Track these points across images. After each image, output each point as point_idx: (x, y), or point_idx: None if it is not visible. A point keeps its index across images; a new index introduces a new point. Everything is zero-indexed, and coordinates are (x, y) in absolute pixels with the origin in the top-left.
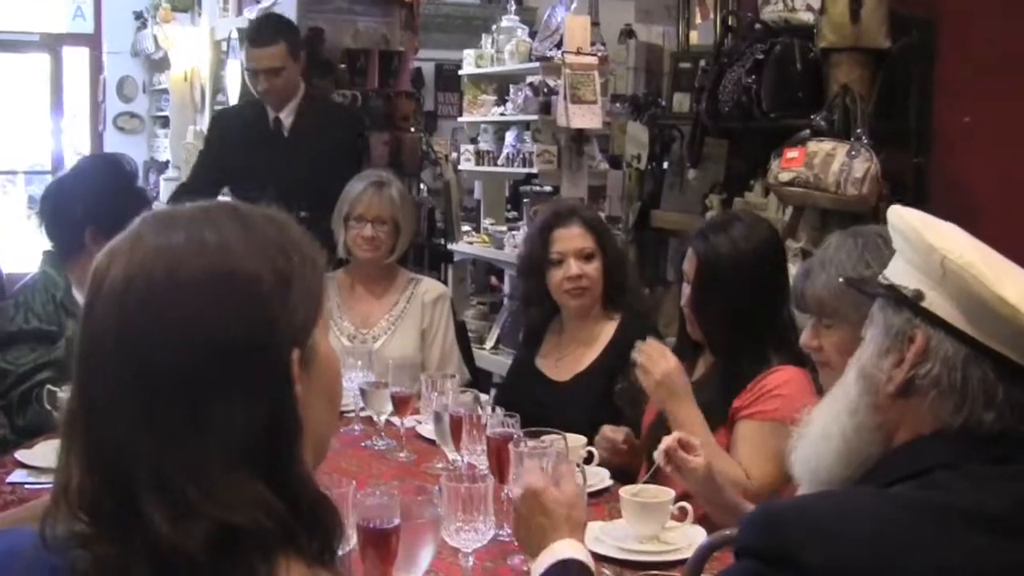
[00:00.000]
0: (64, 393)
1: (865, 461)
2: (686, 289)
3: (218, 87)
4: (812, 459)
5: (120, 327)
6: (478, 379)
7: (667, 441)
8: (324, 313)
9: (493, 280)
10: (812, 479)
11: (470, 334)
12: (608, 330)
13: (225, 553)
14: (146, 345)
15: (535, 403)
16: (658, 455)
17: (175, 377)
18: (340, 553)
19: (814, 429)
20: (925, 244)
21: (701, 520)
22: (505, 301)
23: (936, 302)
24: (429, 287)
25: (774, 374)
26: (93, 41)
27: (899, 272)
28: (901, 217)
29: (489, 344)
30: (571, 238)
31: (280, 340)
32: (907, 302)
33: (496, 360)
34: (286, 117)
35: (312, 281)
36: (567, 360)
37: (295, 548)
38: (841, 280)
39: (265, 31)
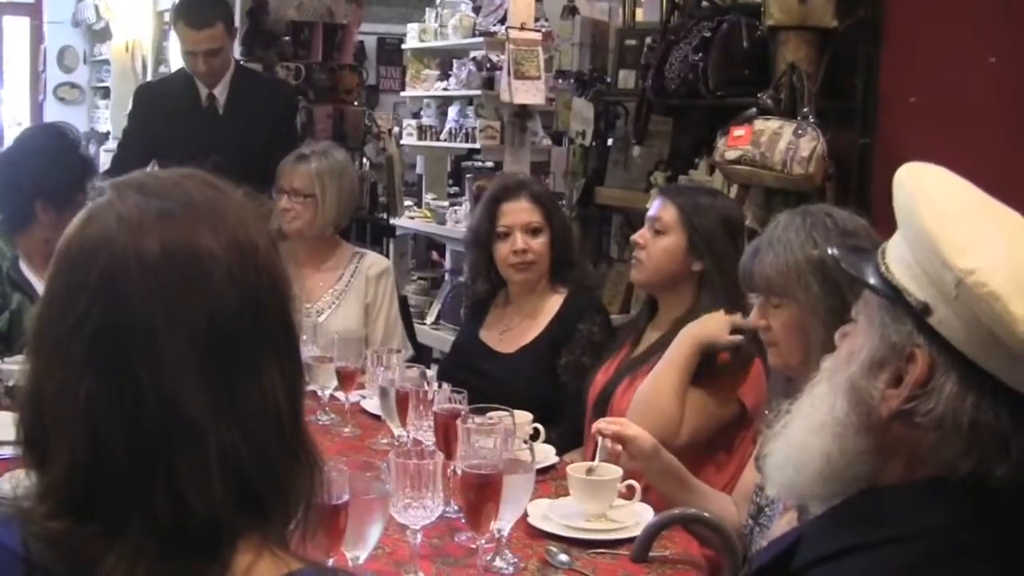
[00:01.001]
0: (6, 365)
1: (849, 484)
2: (663, 240)
3: (160, 58)
4: (788, 469)
5: (166, 302)
6: (420, 354)
7: (598, 426)
8: (292, 293)
9: (435, 255)
10: (787, 491)
11: (411, 309)
12: (554, 304)
13: (184, 543)
14: (199, 313)
15: (480, 375)
16: (597, 428)
17: (231, 345)
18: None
19: (793, 436)
20: (939, 257)
21: (648, 498)
22: (447, 276)
23: (947, 321)
24: (373, 261)
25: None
26: (34, 10)
27: (906, 271)
28: (919, 208)
29: (430, 319)
30: (519, 212)
31: (289, 301)
32: (911, 312)
33: (437, 336)
34: (220, 93)
35: (275, 263)
36: (512, 333)
37: (259, 530)
38: (839, 259)
39: (202, 11)
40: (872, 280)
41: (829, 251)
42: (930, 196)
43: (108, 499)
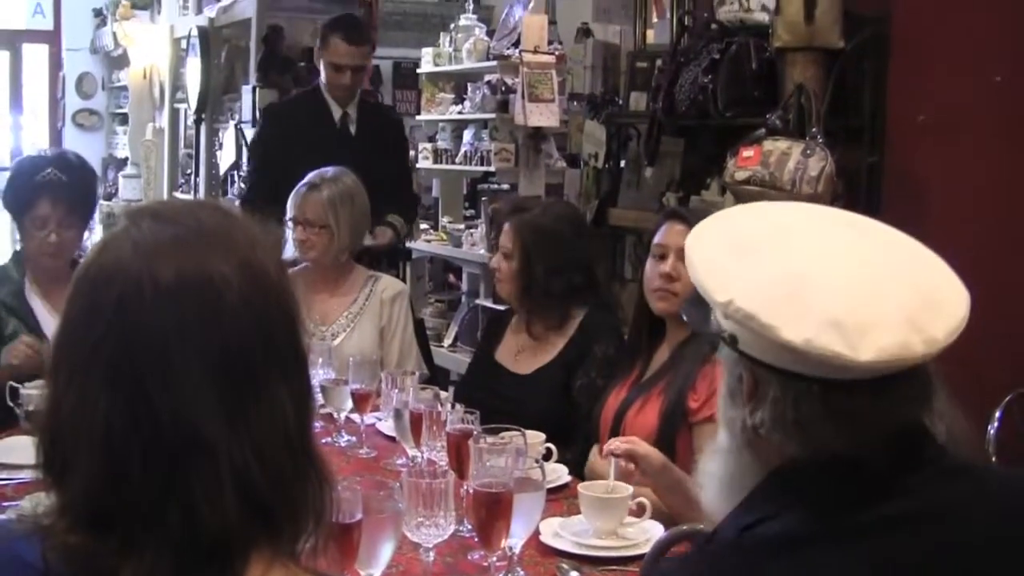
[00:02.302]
0: (26, 390)
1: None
2: (664, 266)
3: (177, 84)
4: (704, 497)
5: (181, 325)
6: (436, 376)
7: (611, 446)
8: (301, 315)
9: (451, 278)
10: (710, 514)
11: (428, 331)
12: (570, 326)
13: (198, 559)
14: (212, 336)
15: (496, 396)
16: (609, 450)
17: (243, 366)
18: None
19: (703, 467)
20: (709, 298)
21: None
22: (463, 299)
23: (747, 344)
24: (387, 284)
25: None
26: (52, 38)
27: (716, 312)
28: (690, 260)
29: (447, 342)
30: (504, 233)
31: (298, 324)
32: (728, 344)
33: (454, 358)
34: (351, 113)
35: (285, 286)
36: (527, 353)
37: (271, 544)
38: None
39: (359, 29)
40: (706, 328)
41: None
42: (693, 249)
43: (124, 515)
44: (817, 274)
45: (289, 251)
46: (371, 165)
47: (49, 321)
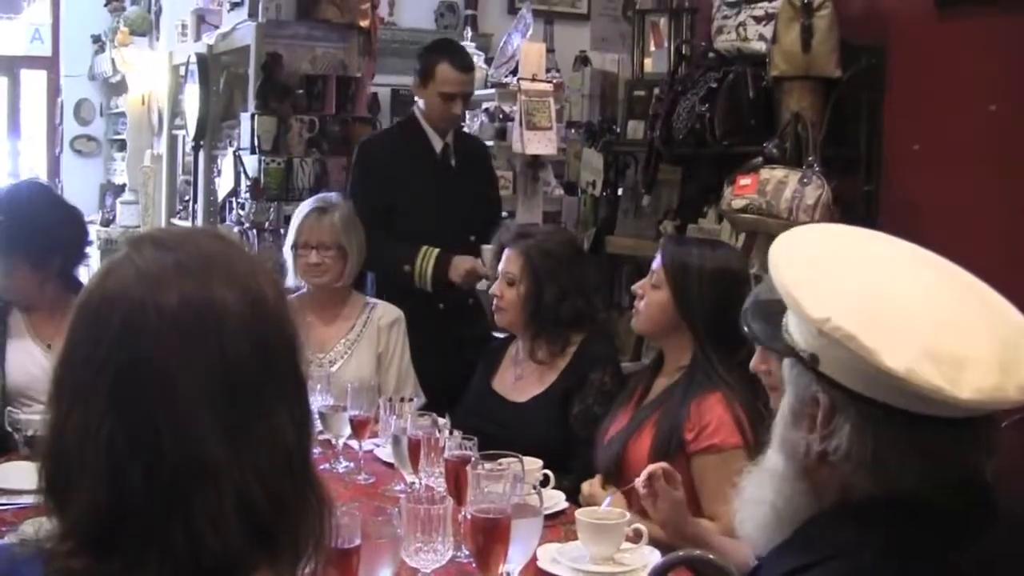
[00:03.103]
0: (25, 415)
1: (796, 523)
2: (657, 294)
3: (176, 111)
4: (748, 524)
5: (184, 350)
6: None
7: (652, 468)
8: (301, 343)
9: None
10: (753, 544)
11: None
12: (567, 353)
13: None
14: (213, 360)
15: (492, 423)
16: (640, 480)
17: (244, 391)
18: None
19: (747, 493)
20: (800, 313)
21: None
22: None
23: (831, 365)
24: (384, 311)
25: (708, 402)
26: (51, 64)
27: (796, 328)
28: (778, 270)
29: None
30: (507, 259)
31: (297, 348)
32: (805, 364)
33: None
34: (451, 143)
35: (283, 314)
36: (524, 382)
37: (272, 565)
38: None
39: (466, 55)
40: (775, 345)
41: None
42: (781, 258)
43: (127, 536)
44: (909, 303)
45: (290, 279)
46: (471, 197)
47: (21, 338)
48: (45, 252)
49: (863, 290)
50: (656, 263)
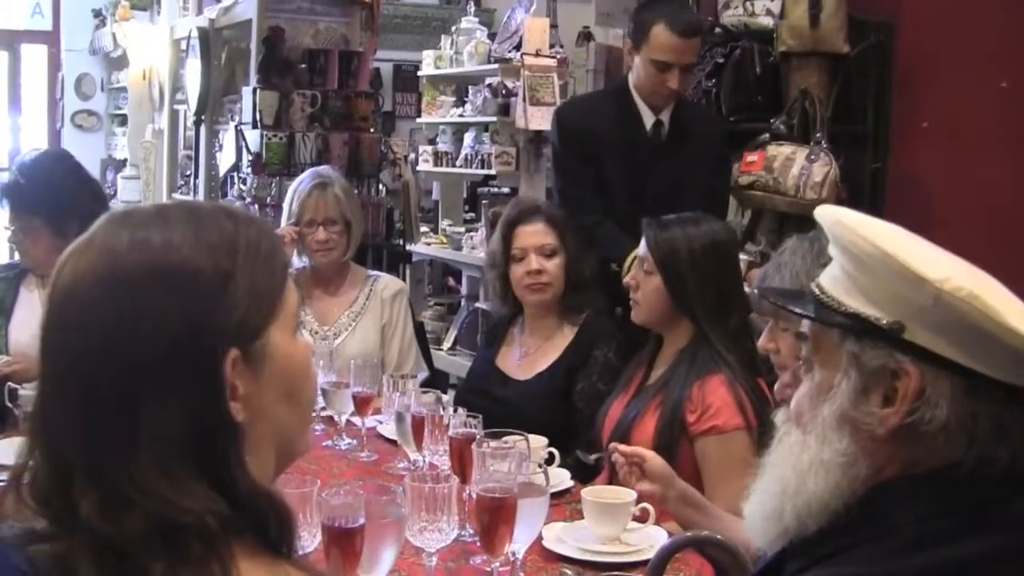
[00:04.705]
0: (25, 391)
1: (848, 503)
2: (654, 280)
3: (177, 85)
4: (788, 517)
5: (62, 324)
6: (436, 380)
7: (623, 447)
8: (282, 312)
9: (451, 281)
10: (784, 538)
11: (428, 335)
12: (570, 331)
13: (169, 549)
14: (82, 342)
15: (495, 401)
16: (616, 457)
17: (108, 375)
18: (301, 552)
19: (777, 486)
20: (910, 275)
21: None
22: (463, 302)
23: (919, 333)
24: (387, 283)
25: (711, 383)
26: (51, 38)
27: (863, 299)
28: (862, 236)
29: (447, 345)
30: (533, 234)
31: (215, 339)
32: (882, 334)
33: (454, 361)
34: (665, 119)
35: (262, 280)
36: (528, 359)
37: (249, 544)
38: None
39: (691, 16)
40: (832, 320)
41: (760, 301)
42: (872, 226)
43: (82, 510)
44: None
45: (295, 261)
46: (678, 187)
47: (32, 309)
48: (65, 216)
49: (960, 261)
50: (642, 250)
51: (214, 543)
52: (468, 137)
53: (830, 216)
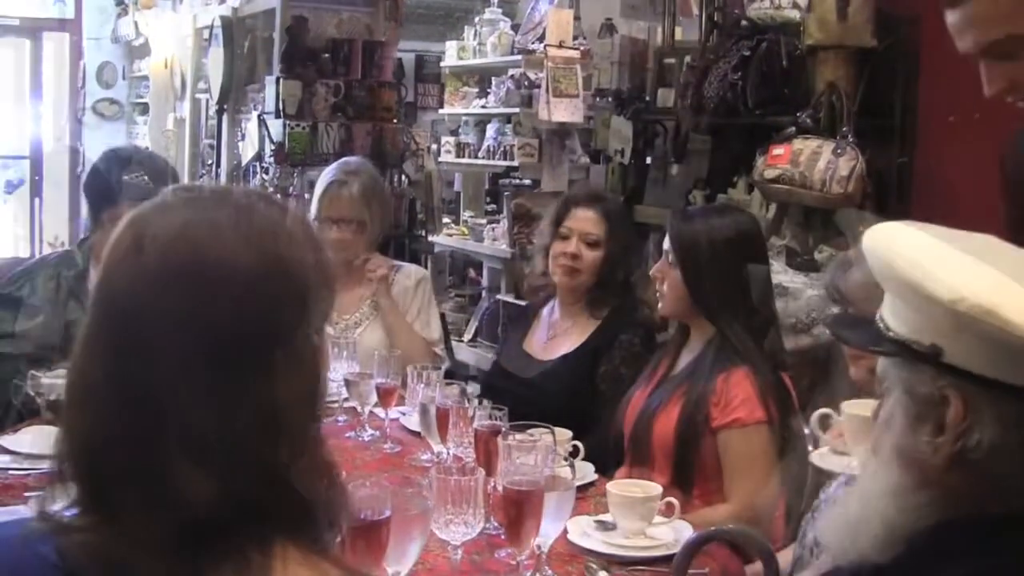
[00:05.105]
0: (48, 379)
1: (909, 539)
2: (678, 271)
3: (199, 74)
4: (846, 540)
5: (108, 323)
6: (457, 371)
7: None
8: (312, 314)
9: (472, 273)
10: (842, 555)
11: (449, 327)
12: (598, 317)
13: (208, 545)
14: (129, 338)
15: (519, 382)
16: None
17: (151, 370)
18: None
19: (852, 512)
20: (927, 297)
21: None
22: (484, 294)
23: (960, 354)
24: (411, 272)
25: (735, 376)
26: (73, 27)
27: (904, 324)
28: (888, 262)
29: (467, 337)
30: (585, 220)
31: (264, 336)
32: (924, 359)
33: (474, 352)
34: None
35: (298, 281)
36: (555, 342)
37: (292, 540)
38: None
39: None
40: (880, 346)
41: (826, 331)
42: (898, 247)
43: (116, 491)
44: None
45: None
46: None
47: None
48: None
49: (987, 270)
50: (667, 243)
51: (252, 540)
52: (490, 129)
53: (867, 239)
